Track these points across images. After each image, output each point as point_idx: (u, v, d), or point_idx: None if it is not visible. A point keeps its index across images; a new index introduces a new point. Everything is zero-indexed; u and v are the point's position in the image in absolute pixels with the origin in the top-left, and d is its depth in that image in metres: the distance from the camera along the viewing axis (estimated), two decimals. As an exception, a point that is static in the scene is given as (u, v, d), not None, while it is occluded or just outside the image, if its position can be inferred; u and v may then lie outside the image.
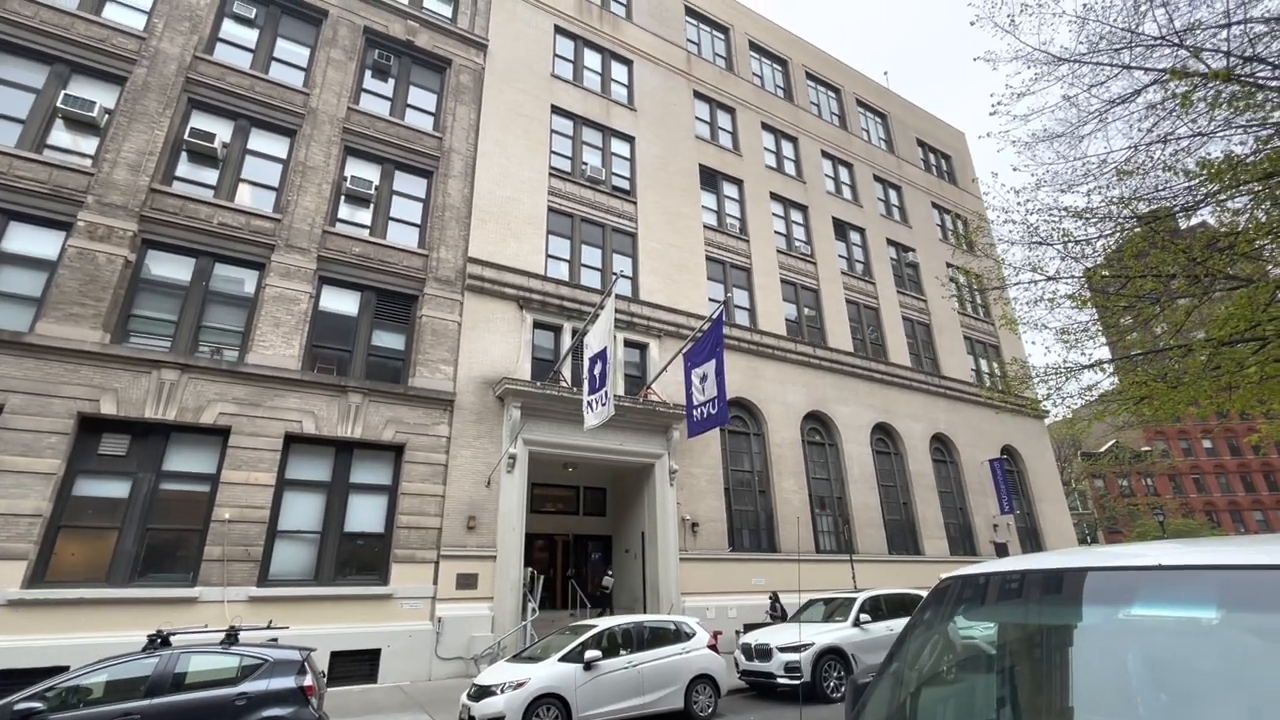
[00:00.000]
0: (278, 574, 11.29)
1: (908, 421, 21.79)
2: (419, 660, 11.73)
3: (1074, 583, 1.70)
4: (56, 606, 9.52)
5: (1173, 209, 6.30)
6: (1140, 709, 1.38)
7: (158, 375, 11.09)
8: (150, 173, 12.18)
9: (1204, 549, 1.55)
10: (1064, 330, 7.83)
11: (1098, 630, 1.56)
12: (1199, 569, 1.43)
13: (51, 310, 10.69)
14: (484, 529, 13.17)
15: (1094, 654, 1.54)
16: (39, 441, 9.99)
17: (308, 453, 12.23)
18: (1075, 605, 1.63)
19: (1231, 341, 6.59)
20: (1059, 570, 1.76)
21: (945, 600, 2.04)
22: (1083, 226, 6.80)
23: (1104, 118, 6.47)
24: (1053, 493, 25.75)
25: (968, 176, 31.17)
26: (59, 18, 12.44)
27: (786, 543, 17.24)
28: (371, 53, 15.98)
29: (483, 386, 14.15)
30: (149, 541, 10.59)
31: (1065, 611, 1.67)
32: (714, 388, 13.00)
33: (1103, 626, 1.55)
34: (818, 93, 27.14)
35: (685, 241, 19.26)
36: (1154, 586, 1.44)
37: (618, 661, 8.79)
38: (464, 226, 15.39)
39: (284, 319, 12.57)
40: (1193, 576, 1.40)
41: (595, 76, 20.05)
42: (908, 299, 24.82)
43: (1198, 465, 55.24)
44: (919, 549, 20.15)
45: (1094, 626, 1.58)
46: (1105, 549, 1.78)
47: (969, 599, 2.00)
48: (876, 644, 10.66)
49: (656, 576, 14.99)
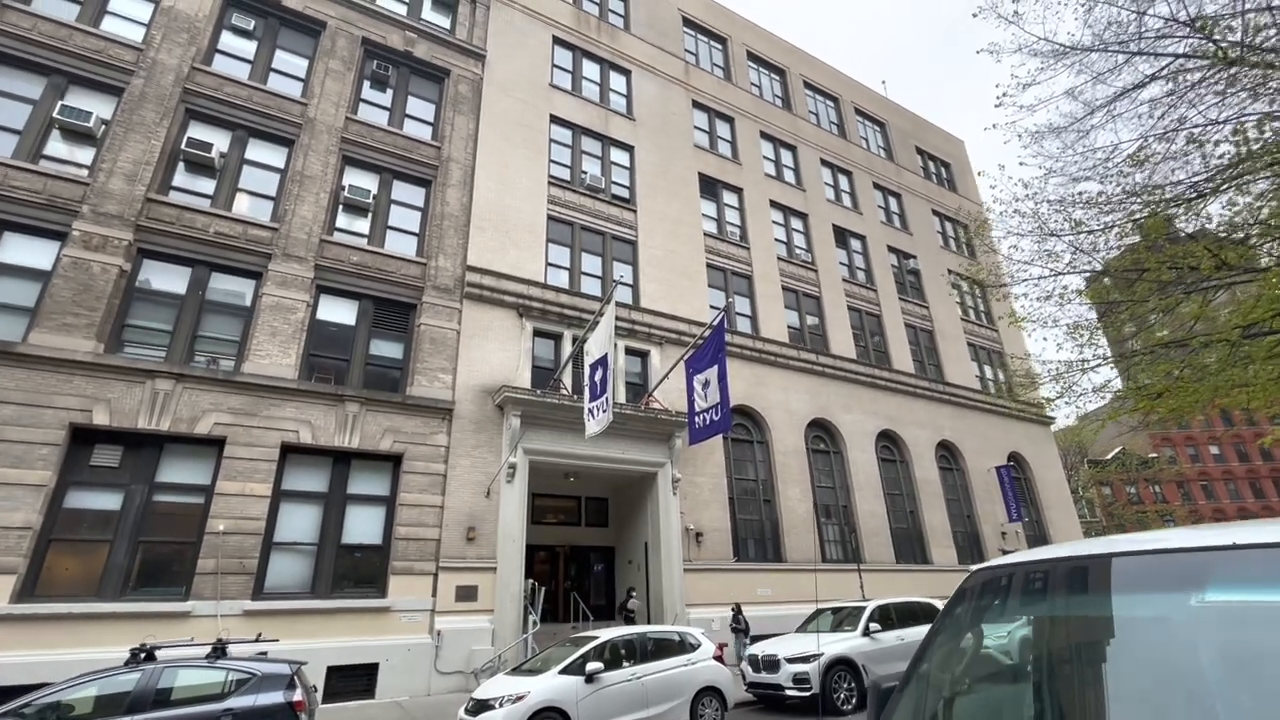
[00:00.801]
0: (273, 587, 11.04)
1: (913, 429, 21.54)
2: (418, 675, 11.44)
3: (1131, 570, 1.51)
4: (46, 621, 9.28)
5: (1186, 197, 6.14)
6: (1220, 710, 1.19)
7: (152, 385, 10.93)
8: (147, 182, 12.11)
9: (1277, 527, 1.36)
10: (1075, 326, 7.63)
11: (1163, 623, 1.37)
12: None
13: (45, 320, 10.56)
14: (484, 540, 12.92)
15: (1158, 649, 1.35)
16: (30, 453, 9.81)
17: (304, 463, 12.03)
18: (1134, 594, 1.44)
19: (1254, 334, 6.39)
20: (1110, 555, 1.56)
21: (976, 595, 1.85)
22: (1096, 215, 6.64)
23: (1112, 109, 6.35)
24: (1061, 500, 25.41)
25: (967, 183, 31.16)
26: (57, 30, 12.44)
27: (792, 552, 16.95)
28: (370, 63, 15.99)
29: (482, 395, 13.96)
30: (141, 555, 10.37)
31: (1122, 602, 1.48)
32: (717, 394, 12.80)
33: (1170, 618, 1.35)
34: (816, 102, 27.19)
35: (686, 249, 19.16)
36: (1234, 567, 1.25)
37: (620, 674, 8.52)
38: (463, 235, 15.29)
39: (281, 328, 12.43)
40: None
41: (594, 86, 20.07)
42: (910, 306, 24.67)
43: (1206, 472, 54.69)
44: (927, 558, 19.81)
45: (1158, 619, 1.39)
46: (1158, 533, 1.58)
47: (1004, 593, 1.81)
48: (887, 654, 10.36)
49: (660, 587, 14.70)
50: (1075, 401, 8.33)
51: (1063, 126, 6.68)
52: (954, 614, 1.85)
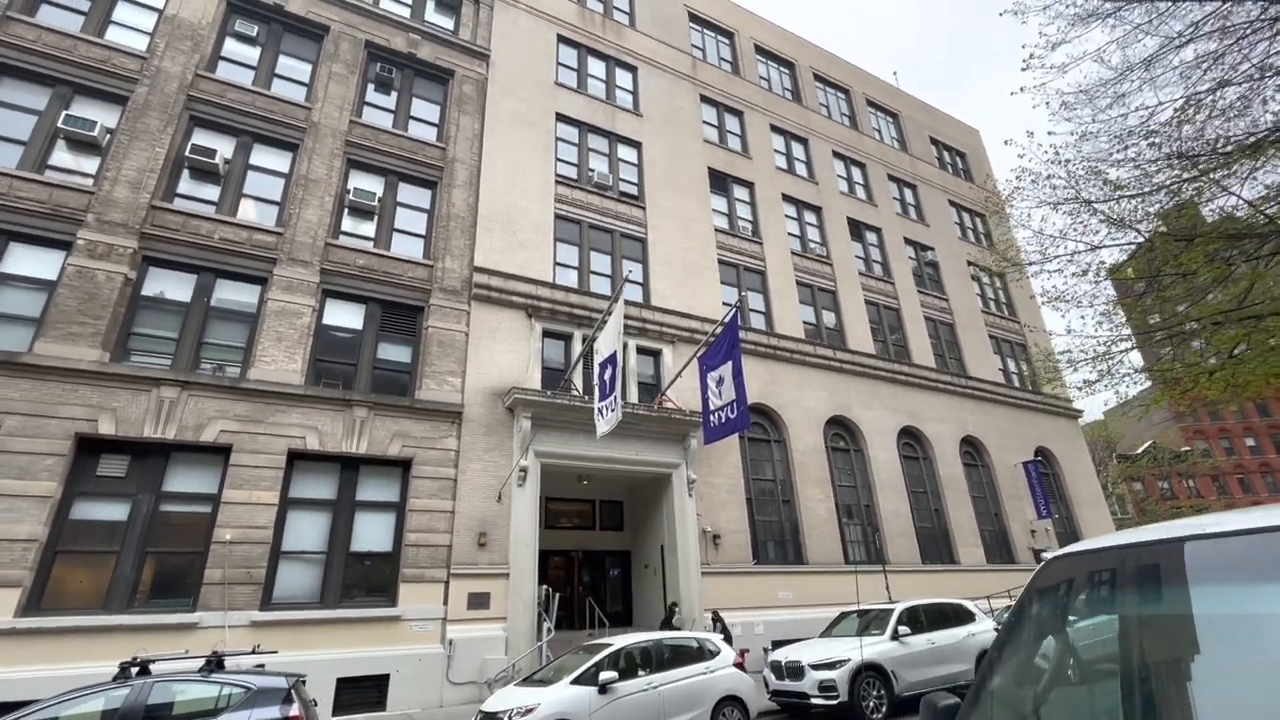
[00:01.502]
0: (281, 597, 10.82)
1: (935, 424, 20.90)
2: (430, 685, 11.13)
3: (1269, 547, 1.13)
4: (52, 636, 9.12)
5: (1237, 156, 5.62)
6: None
7: (157, 393, 10.79)
8: (151, 190, 12.03)
9: None
10: (1118, 301, 7.07)
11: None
12: None
13: (50, 330, 10.47)
14: (496, 546, 12.61)
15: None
16: (35, 464, 9.69)
17: (312, 470, 11.82)
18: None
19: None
20: (1244, 532, 1.18)
21: (1057, 590, 1.46)
22: (1138, 178, 6.13)
23: (1150, 70, 5.87)
24: (1092, 495, 24.55)
25: (983, 173, 30.45)
26: (61, 40, 12.45)
27: (813, 554, 16.43)
28: (374, 66, 15.88)
29: (491, 398, 13.69)
30: (148, 566, 10.21)
31: (1262, 593, 1.10)
32: (732, 390, 12.37)
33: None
34: (826, 94, 26.72)
35: (697, 245, 18.79)
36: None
37: (636, 683, 8.13)
38: (469, 236, 15.07)
39: (286, 333, 12.27)
40: None
41: (600, 83, 19.82)
42: (929, 299, 24.03)
43: (1242, 465, 52.93)
44: (954, 557, 19.15)
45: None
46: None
47: (1095, 585, 1.42)
48: (917, 659, 9.85)
49: (678, 591, 14.27)
50: (1116, 385, 7.80)
51: (1097, 86, 6.19)
52: (1029, 615, 1.46)
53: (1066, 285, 7.37)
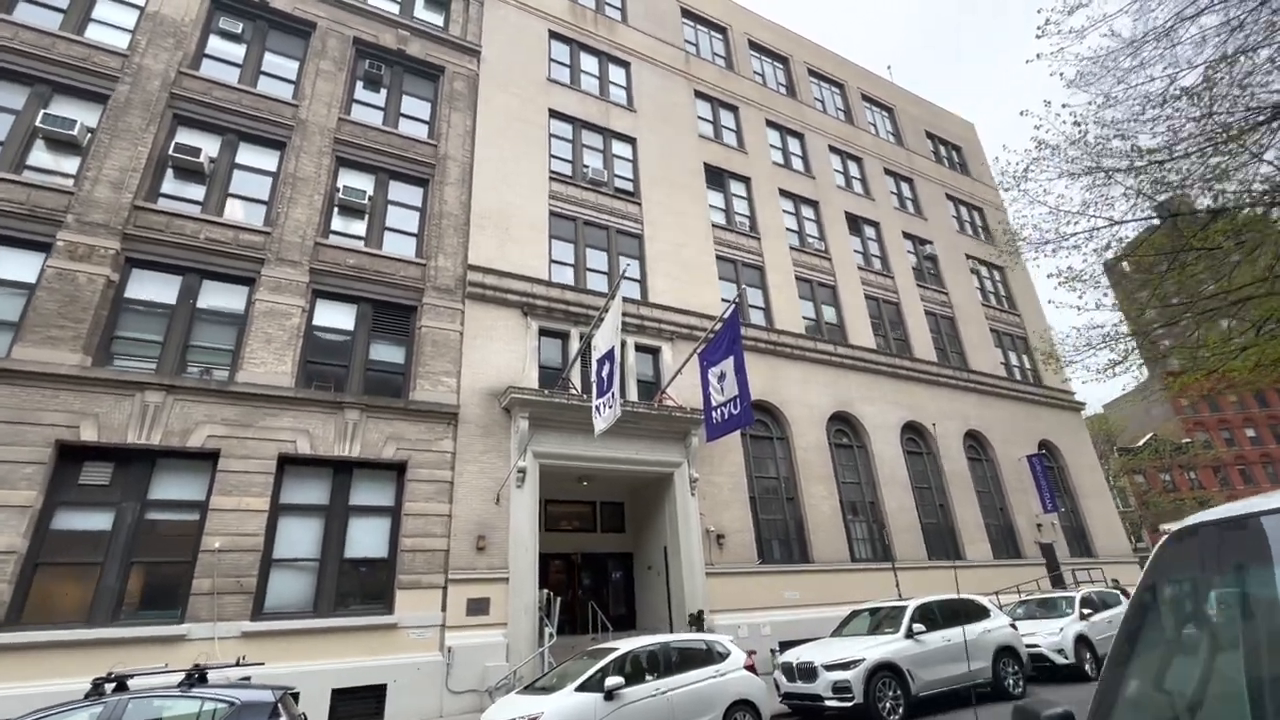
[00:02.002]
0: (273, 606, 10.44)
1: (938, 419, 20.63)
2: (429, 695, 10.76)
3: None
4: (32, 650, 8.74)
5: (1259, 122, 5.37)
6: None
7: (141, 398, 10.42)
8: (134, 190, 11.69)
9: None
10: (1145, 269, 6.79)
11: None
12: None
13: (29, 334, 10.11)
14: (494, 549, 12.27)
15: None
16: (14, 473, 9.31)
17: (303, 475, 11.46)
18: None
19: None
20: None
21: (1193, 565, 1.16)
22: (1169, 136, 5.83)
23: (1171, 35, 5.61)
24: (1097, 487, 24.33)
25: (979, 166, 30.31)
26: (40, 38, 12.10)
27: (819, 552, 16.12)
28: (362, 63, 15.58)
29: (488, 398, 13.36)
30: (134, 576, 9.82)
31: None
32: (734, 386, 12.09)
33: None
34: (821, 89, 26.52)
35: (694, 241, 18.51)
36: None
37: (644, 689, 7.79)
38: (463, 234, 14.76)
39: (275, 335, 11.92)
40: None
41: (593, 79, 19.56)
42: (929, 292, 23.81)
43: (1242, 455, 52.86)
44: (960, 553, 18.86)
45: None
46: None
47: (1242, 557, 1.12)
48: (934, 657, 9.54)
49: (682, 593, 13.94)
50: (1136, 370, 7.51)
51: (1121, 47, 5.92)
52: (1164, 594, 1.15)
53: (1086, 264, 7.13)
